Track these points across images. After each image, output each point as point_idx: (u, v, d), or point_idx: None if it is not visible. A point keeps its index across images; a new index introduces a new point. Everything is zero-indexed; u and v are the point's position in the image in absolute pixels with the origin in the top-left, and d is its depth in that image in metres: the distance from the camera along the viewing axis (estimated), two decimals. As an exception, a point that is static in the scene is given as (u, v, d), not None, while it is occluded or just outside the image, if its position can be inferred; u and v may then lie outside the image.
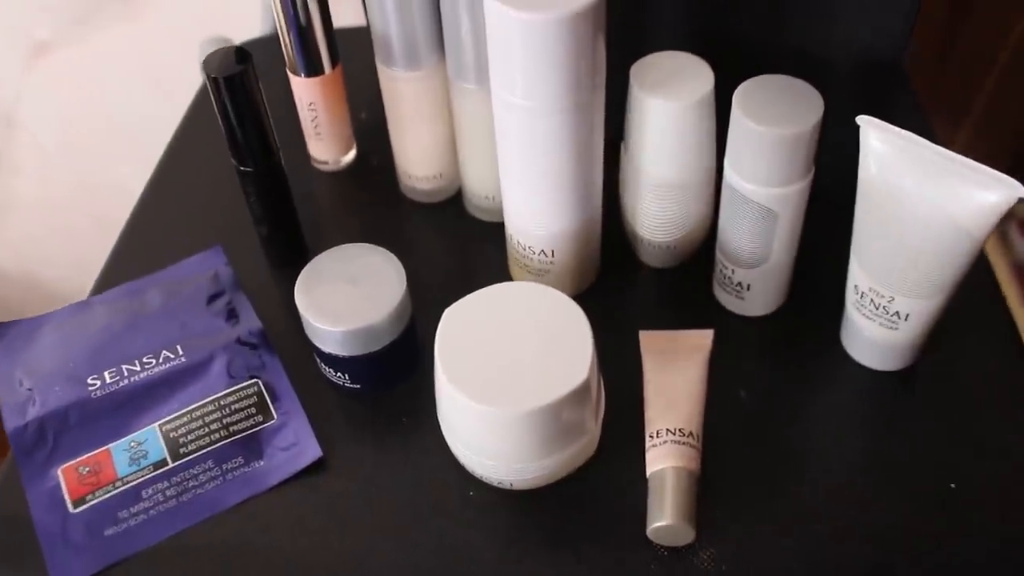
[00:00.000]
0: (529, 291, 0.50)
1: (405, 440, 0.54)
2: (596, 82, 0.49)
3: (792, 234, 0.53)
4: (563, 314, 0.48)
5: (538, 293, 0.49)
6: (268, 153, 0.56)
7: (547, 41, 0.46)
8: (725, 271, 0.56)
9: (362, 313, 0.52)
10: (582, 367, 0.46)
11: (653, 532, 0.48)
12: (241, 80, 0.52)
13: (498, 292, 0.50)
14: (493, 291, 0.50)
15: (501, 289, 0.50)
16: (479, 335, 0.48)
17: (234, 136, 0.55)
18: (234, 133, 0.55)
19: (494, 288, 0.50)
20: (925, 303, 0.50)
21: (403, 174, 0.64)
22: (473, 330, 0.48)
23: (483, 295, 0.49)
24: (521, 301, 0.49)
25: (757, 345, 0.57)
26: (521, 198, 0.54)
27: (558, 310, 0.49)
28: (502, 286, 0.50)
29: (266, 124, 0.55)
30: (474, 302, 0.49)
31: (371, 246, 0.55)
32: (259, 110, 0.54)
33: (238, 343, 0.57)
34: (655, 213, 0.56)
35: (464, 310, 0.49)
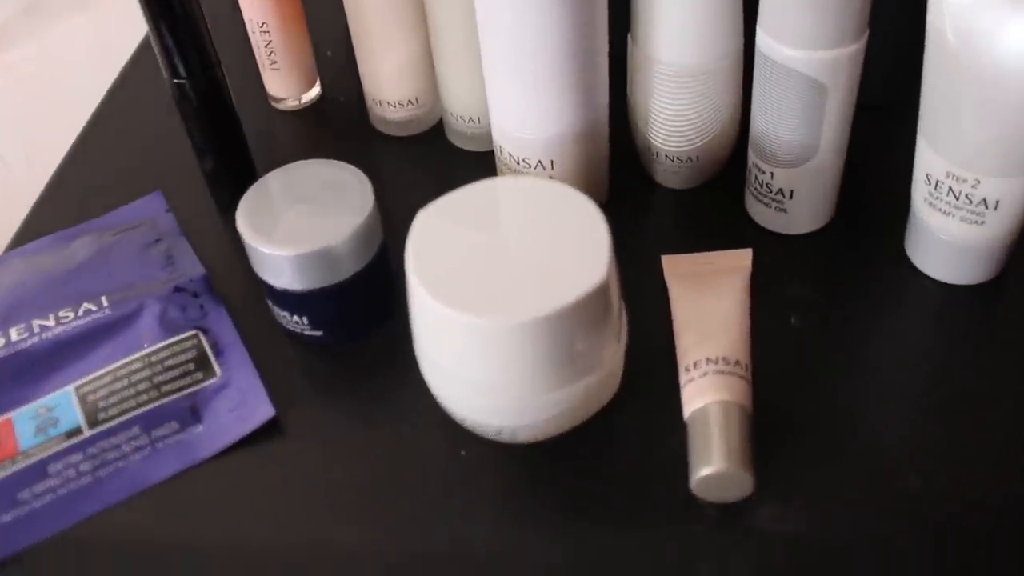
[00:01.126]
0: (527, 185, 0.39)
1: (379, 398, 0.43)
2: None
3: (844, 117, 0.42)
4: (571, 208, 0.37)
5: (538, 187, 0.38)
6: (205, 61, 0.46)
7: None
8: (762, 176, 0.45)
9: (318, 234, 0.41)
10: (598, 267, 0.35)
11: (699, 484, 0.36)
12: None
13: (488, 188, 0.38)
14: (481, 187, 0.38)
15: (491, 184, 0.39)
16: (464, 236, 0.37)
17: (163, 39, 0.44)
18: (163, 36, 0.44)
19: (483, 183, 0.38)
20: (1019, 183, 0.39)
21: (373, 103, 0.53)
22: (456, 231, 0.37)
23: (469, 191, 0.38)
24: (518, 197, 0.38)
25: (806, 266, 0.46)
26: (511, 97, 0.43)
27: (565, 204, 0.37)
28: (492, 181, 0.39)
29: (200, 24, 0.45)
30: (457, 200, 0.38)
31: (331, 161, 0.44)
32: (190, 5, 0.44)
33: (175, 291, 0.46)
34: (671, 114, 0.45)
35: (445, 210, 0.38)
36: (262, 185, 0.43)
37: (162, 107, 0.52)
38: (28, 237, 0.51)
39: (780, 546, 0.37)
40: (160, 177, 0.53)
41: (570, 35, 0.40)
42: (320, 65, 0.57)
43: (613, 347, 0.37)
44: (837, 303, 0.44)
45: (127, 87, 0.61)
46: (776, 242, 0.46)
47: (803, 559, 0.36)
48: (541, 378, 0.35)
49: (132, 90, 0.61)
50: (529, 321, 0.34)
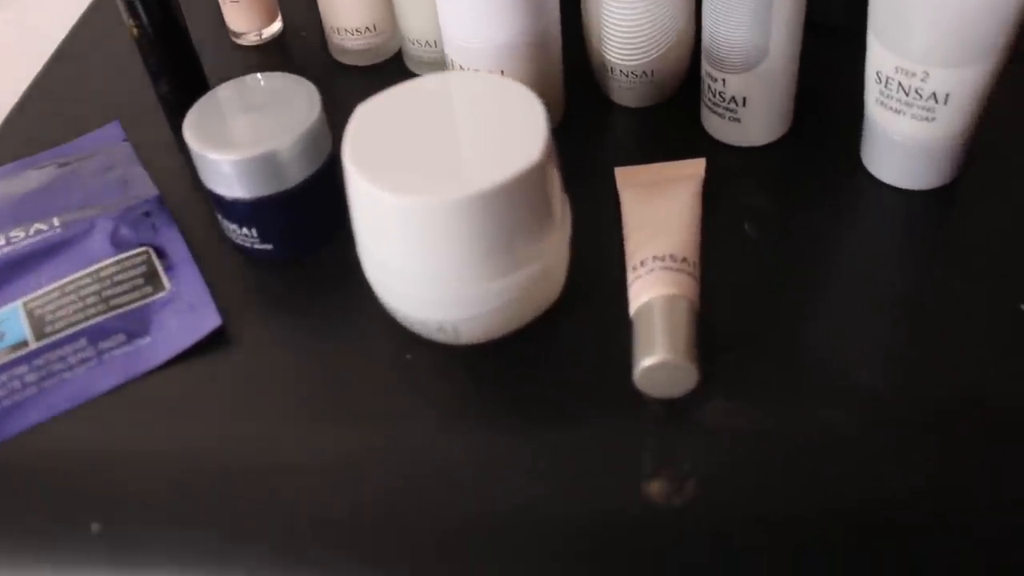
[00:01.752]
0: (467, 78, 0.38)
1: (327, 309, 0.42)
2: None
3: (793, 17, 0.41)
4: (510, 98, 0.36)
5: (478, 79, 0.38)
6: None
7: None
8: (715, 85, 0.44)
9: (264, 140, 0.40)
10: (534, 148, 0.34)
11: (642, 376, 0.35)
12: None
13: (427, 82, 0.38)
14: (421, 81, 0.38)
15: (431, 79, 0.38)
16: (401, 126, 0.36)
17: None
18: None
19: (422, 78, 0.38)
20: (969, 73, 0.38)
21: (332, 32, 0.52)
22: (394, 122, 0.36)
23: (408, 86, 0.37)
24: (457, 89, 0.37)
25: (761, 177, 0.45)
26: (458, 4, 0.42)
27: (503, 94, 0.36)
28: (432, 76, 0.38)
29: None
30: (397, 94, 0.37)
31: (280, 73, 0.43)
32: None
33: (127, 211, 0.45)
34: (625, 24, 0.44)
35: (384, 104, 0.37)
36: (211, 97, 0.43)
37: (123, 44, 0.51)
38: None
39: (727, 441, 0.36)
40: (120, 108, 0.53)
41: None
42: (284, 3, 0.57)
43: (554, 237, 0.36)
44: (791, 212, 0.43)
45: (90, 24, 0.61)
46: (732, 154, 0.45)
47: (750, 453, 0.35)
48: (478, 265, 0.35)
49: (95, 27, 0.61)
50: (462, 199, 0.33)
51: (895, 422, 0.35)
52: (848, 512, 0.33)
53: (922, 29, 0.37)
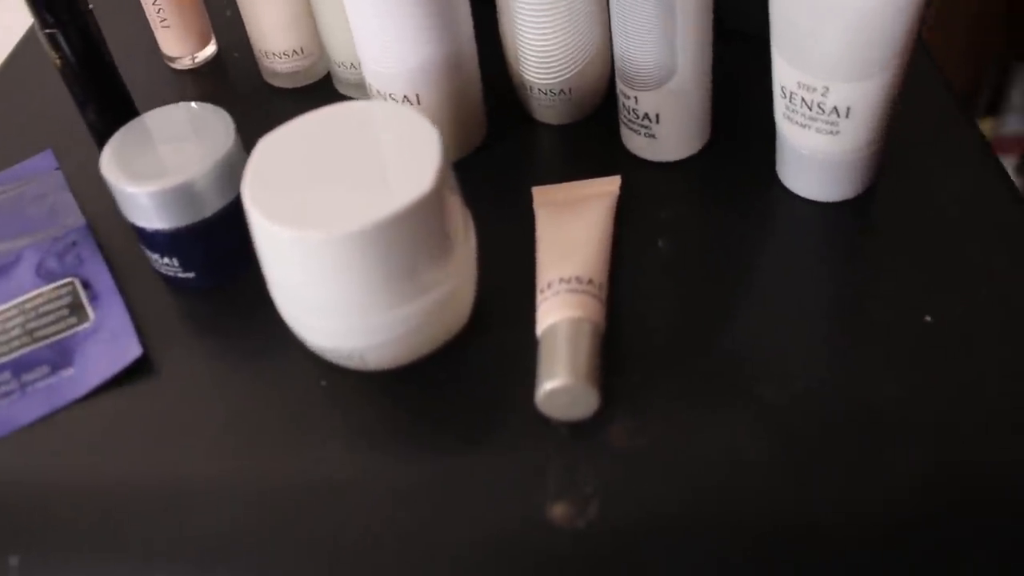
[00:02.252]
0: (366, 109, 0.38)
1: (247, 336, 0.42)
2: None
3: (698, 34, 0.41)
4: (407, 127, 0.36)
5: (376, 110, 0.38)
6: (73, 8, 0.45)
7: None
8: (628, 103, 0.44)
9: (180, 170, 0.40)
10: (426, 178, 0.34)
11: (544, 400, 0.36)
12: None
13: (328, 114, 0.38)
14: (322, 114, 0.38)
15: (331, 111, 0.38)
16: (301, 160, 0.36)
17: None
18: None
19: (323, 109, 0.38)
20: (866, 88, 0.38)
21: (262, 56, 0.52)
22: (293, 155, 0.36)
23: (309, 118, 0.38)
24: (355, 120, 0.38)
25: (677, 192, 0.45)
26: (369, 29, 0.42)
27: (400, 124, 0.37)
28: (333, 107, 0.38)
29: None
30: (298, 126, 0.37)
31: (196, 104, 0.43)
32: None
33: (53, 242, 0.46)
34: (538, 43, 0.44)
35: (284, 137, 0.37)
36: (127, 130, 0.43)
37: (56, 73, 0.51)
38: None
39: (632, 461, 0.36)
40: (53, 136, 0.53)
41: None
42: (218, 22, 0.57)
43: (456, 263, 0.37)
44: (706, 227, 0.43)
45: (24, 54, 0.61)
46: (649, 170, 0.45)
47: (654, 473, 0.35)
48: (378, 294, 0.35)
49: (29, 56, 0.61)
50: (355, 231, 0.33)
51: (800, 439, 0.35)
52: (754, 529, 0.33)
53: (818, 45, 0.37)
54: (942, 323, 0.38)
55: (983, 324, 0.38)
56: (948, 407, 0.35)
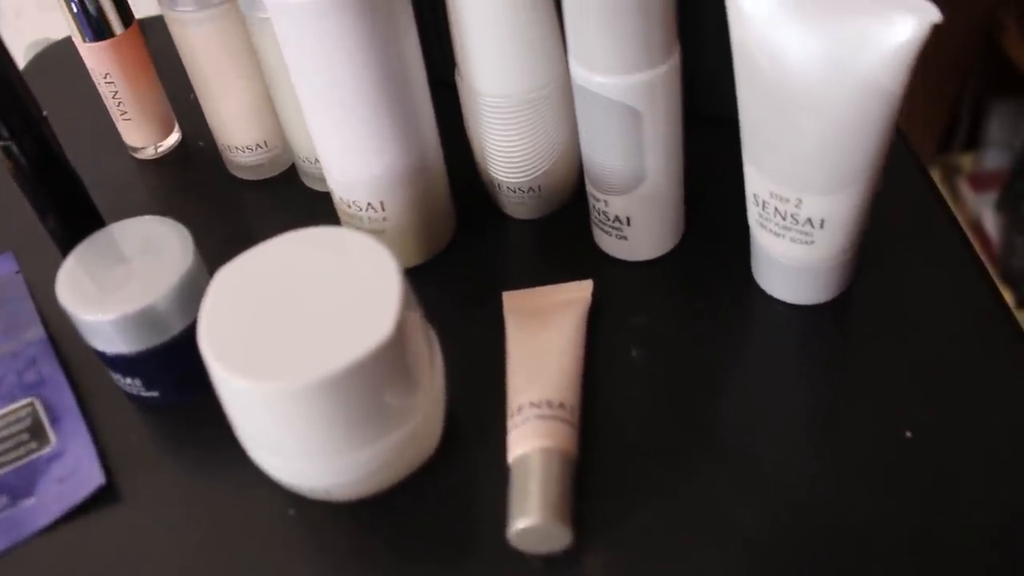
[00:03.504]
0: (325, 238, 0.36)
1: (214, 458, 0.40)
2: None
3: (667, 141, 0.40)
4: (368, 260, 0.35)
5: (336, 239, 0.36)
6: (27, 120, 0.43)
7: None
8: (598, 204, 0.42)
9: (137, 294, 0.39)
10: (385, 322, 0.32)
11: (517, 537, 0.34)
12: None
13: (286, 243, 0.36)
14: (279, 242, 0.36)
15: (290, 239, 0.36)
16: (256, 296, 0.34)
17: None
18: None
19: (280, 238, 0.36)
20: (840, 200, 0.36)
21: (224, 148, 0.51)
22: (249, 290, 0.35)
23: (267, 247, 0.36)
24: (314, 251, 0.36)
25: (651, 294, 0.43)
26: (331, 137, 0.41)
27: (361, 256, 0.35)
28: (292, 235, 0.36)
29: (16, 81, 0.42)
30: (255, 257, 0.36)
31: (150, 217, 0.42)
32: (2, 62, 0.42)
33: (12, 358, 0.44)
34: (504, 144, 0.43)
35: (243, 268, 0.36)
36: (83, 249, 0.41)
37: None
38: None
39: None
40: (13, 238, 0.51)
41: (377, 71, 0.38)
42: (181, 109, 0.55)
43: (423, 397, 0.35)
44: (680, 333, 0.42)
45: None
46: (622, 270, 0.44)
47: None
48: (338, 439, 0.33)
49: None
50: (315, 382, 0.31)
51: (781, 567, 0.34)
52: None
53: (790, 159, 0.36)
54: (922, 437, 0.36)
55: (963, 437, 0.36)
56: (927, 524, 0.34)
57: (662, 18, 0.36)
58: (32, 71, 0.69)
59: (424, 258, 0.45)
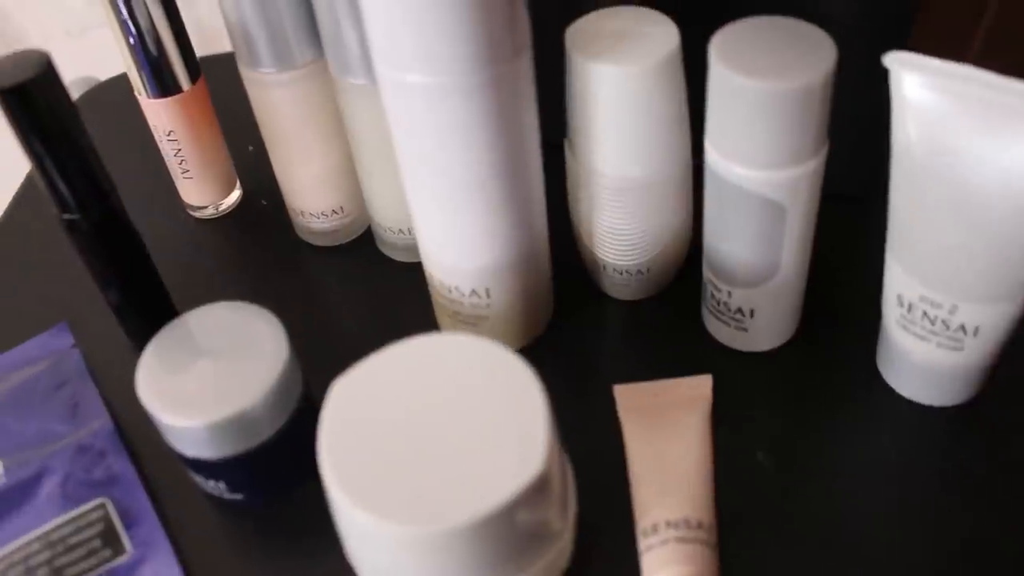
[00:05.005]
0: (453, 347, 0.32)
1: (305, 564, 0.36)
2: (517, 43, 0.33)
3: (805, 234, 0.36)
4: (503, 378, 0.31)
5: (465, 349, 0.32)
6: (98, 193, 0.39)
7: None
8: (718, 295, 0.39)
9: (227, 396, 0.35)
10: (535, 453, 0.29)
11: (663, 676, 0.31)
12: (38, 90, 0.35)
13: (409, 353, 0.32)
14: (401, 351, 0.32)
15: (413, 347, 0.32)
16: (382, 417, 0.31)
17: (44, 171, 0.38)
18: (44, 167, 0.38)
19: (402, 346, 0.32)
20: (1000, 309, 0.33)
21: (295, 213, 0.47)
22: (374, 410, 0.31)
23: (388, 357, 0.32)
24: (442, 363, 0.32)
25: (770, 388, 0.40)
26: (436, 222, 0.37)
27: (496, 373, 0.31)
28: (413, 342, 0.33)
29: (86, 150, 0.38)
30: (375, 369, 0.32)
31: (239, 304, 0.38)
32: (72, 131, 0.37)
33: (79, 451, 0.40)
34: (618, 228, 0.39)
35: (362, 382, 0.32)
36: (163, 340, 0.37)
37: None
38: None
39: None
40: (65, 304, 0.47)
41: (499, 156, 0.34)
42: (241, 161, 0.51)
43: (561, 527, 0.32)
44: (805, 432, 0.38)
45: (24, 205, 0.54)
46: (737, 361, 0.41)
47: None
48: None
49: (31, 208, 0.54)
50: (452, 528, 0.28)
51: None
52: None
53: (953, 266, 0.33)
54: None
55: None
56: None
57: (820, 114, 0.32)
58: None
59: (523, 342, 0.41)
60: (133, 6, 0.41)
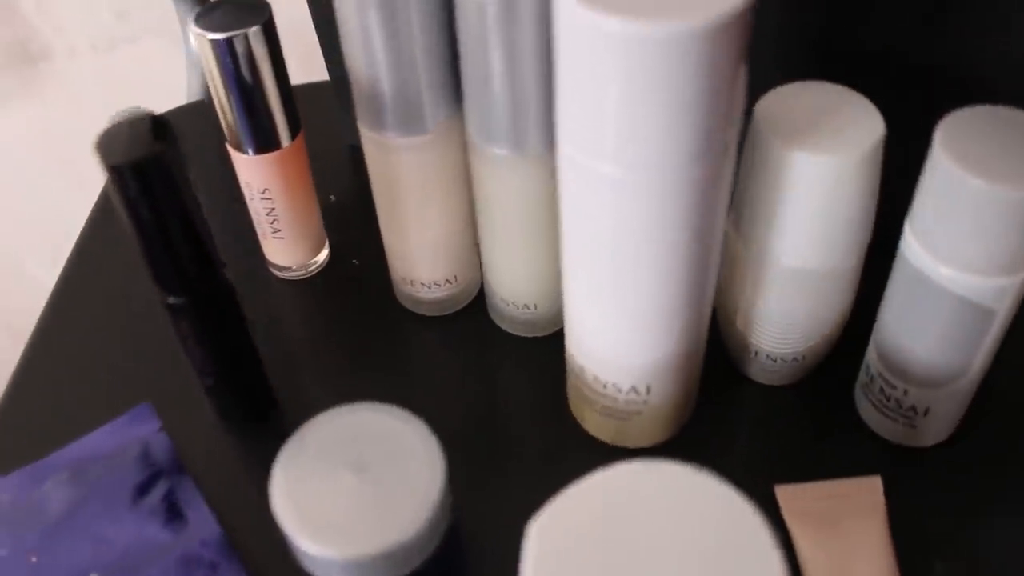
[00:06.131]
0: (664, 480, 0.28)
1: None
2: (729, 138, 0.29)
3: (1001, 335, 0.33)
4: (727, 521, 0.27)
5: (678, 482, 0.28)
6: (209, 273, 0.34)
7: (674, 69, 0.25)
8: (891, 392, 0.36)
9: (382, 527, 0.30)
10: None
11: None
12: (159, 167, 0.30)
13: (612, 483, 0.28)
14: (603, 482, 0.28)
15: (616, 476, 0.28)
16: (593, 562, 0.27)
17: (154, 253, 0.33)
18: (153, 249, 0.32)
19: (605, 475, 0.28)
20: None
21: (401, 280, 0.42)
22: (582, 555, 0.27)
23: (590, 489, 0.28)
24: (655, 501, 0.28)
25: (942, 488, 0.37)
26: (608, 320, 0.33)
27: (714, 514, 0.27)
28: (618, 471, 0.28)
29: (200, 229, 0.33)
30: (577, 503, 0.28)
31: (381, 406, 0.33)
32: (189, 210, 0.32)
33: (184, 563, 0.35)
34: (784, 316, 0.36)
35: (564, 519, 0.28)
36: (297, 447, 0.32)
37: (132, 278, 0.40)
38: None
39: None
40: (145, 382, 0.41)
41: (686, 255, 0.30)
42: (325, 216, 0.46)
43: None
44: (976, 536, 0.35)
45: (87, 261, 0.48)
46: (894, 454, 0.37)
47: None
48: None
49: (92, 269, 0.48)
50: None
51: None
52: None
53: None
54: None
55: None
56: None
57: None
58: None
59: (671, 434, 0.37)
60: (239, 58, 0.36)
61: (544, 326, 0.41)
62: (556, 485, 0.27)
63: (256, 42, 0.36)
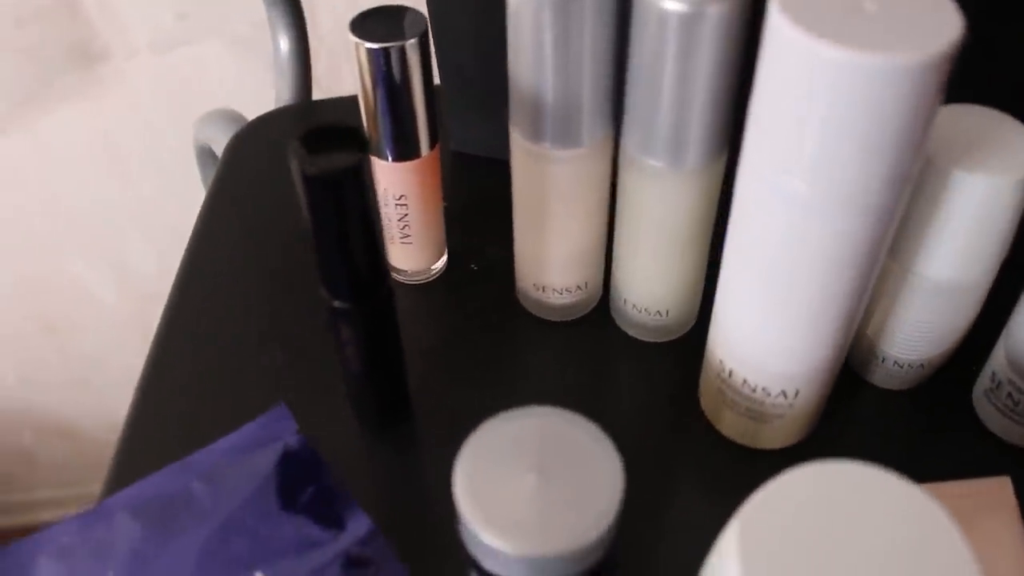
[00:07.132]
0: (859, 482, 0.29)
1: None
2: (917, 164, 0.30)
3: None
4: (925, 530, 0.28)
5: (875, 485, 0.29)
6: (378, 280, 0.34)
7: (887, 99, 0.26)
8: (1019, 396, 0.37)
9: (562, 529, 0.31)
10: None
11: None
12: (355, 179, 0.31)
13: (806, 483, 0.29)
14: (801, 481, 0.29)
15: (813, 477, 0.29)
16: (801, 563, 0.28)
17: (331, 259, 0.33)
18: (331, 255, 0.33)
19: (799, 475, 0.29)
20: None
21: (529, 286, 0.42)
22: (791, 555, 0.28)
23: (788, 489, 0.29)
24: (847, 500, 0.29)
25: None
26: (769, 328, 0.34)
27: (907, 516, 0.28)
28: (814, 469, 0.29)
29: (379, 240, 0.33)
30: (773, 506, 0.29)
31: (556, 410, 0.33)
32: (371, 220, 0.32)
33: (346, 563, 0.35)
34: (919, 326, 0.37)
35: (766, 520, 0.28)
36: (478, 445, 0.33)
37: (240, 276, 0.40)
38: (126, 473, 0.38)
39: None
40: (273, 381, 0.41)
41: (861, 273, 0.31)
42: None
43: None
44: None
45: (199, 259, 0.48)
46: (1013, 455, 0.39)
47: None
48: None
49: (207, 260, 0.48)
50: None
51: None
52: None
53: None
54: None
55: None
56: None
57: None
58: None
59: (804, 436, 0.38)
60: (393, 67, 0.36)
61: (671, 332, 0.42)
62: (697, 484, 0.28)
63: (412, 53, 0.37)
